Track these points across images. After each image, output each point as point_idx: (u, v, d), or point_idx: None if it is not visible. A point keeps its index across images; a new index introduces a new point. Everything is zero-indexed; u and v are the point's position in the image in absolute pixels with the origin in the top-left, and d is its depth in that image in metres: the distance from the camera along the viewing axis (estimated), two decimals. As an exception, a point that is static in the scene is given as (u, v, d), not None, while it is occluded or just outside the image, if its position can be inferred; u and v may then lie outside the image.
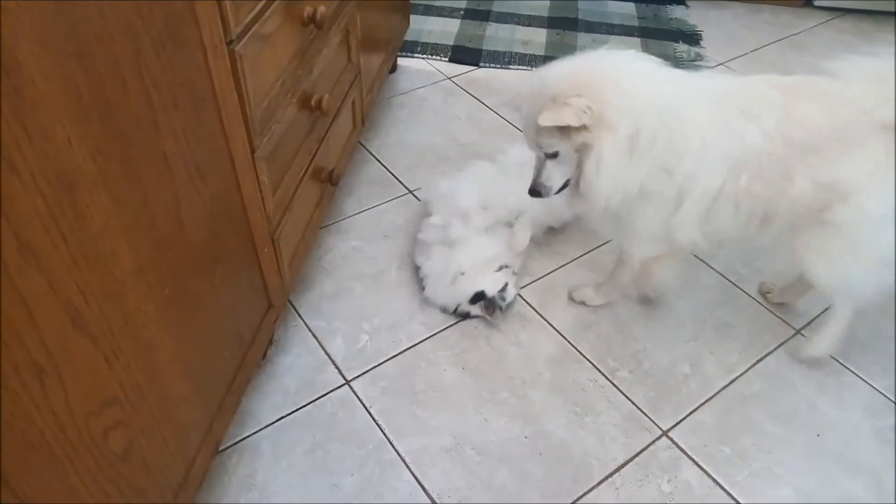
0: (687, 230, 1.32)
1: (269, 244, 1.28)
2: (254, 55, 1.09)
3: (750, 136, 1.20)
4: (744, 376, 1.51)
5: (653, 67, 1.22)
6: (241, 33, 1.04)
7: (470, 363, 1.52)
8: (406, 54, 2.51)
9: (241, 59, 1.04)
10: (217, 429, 1.18)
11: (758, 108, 1.21)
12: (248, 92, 1.08)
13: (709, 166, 1.23)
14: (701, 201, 1.27)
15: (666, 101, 1.18)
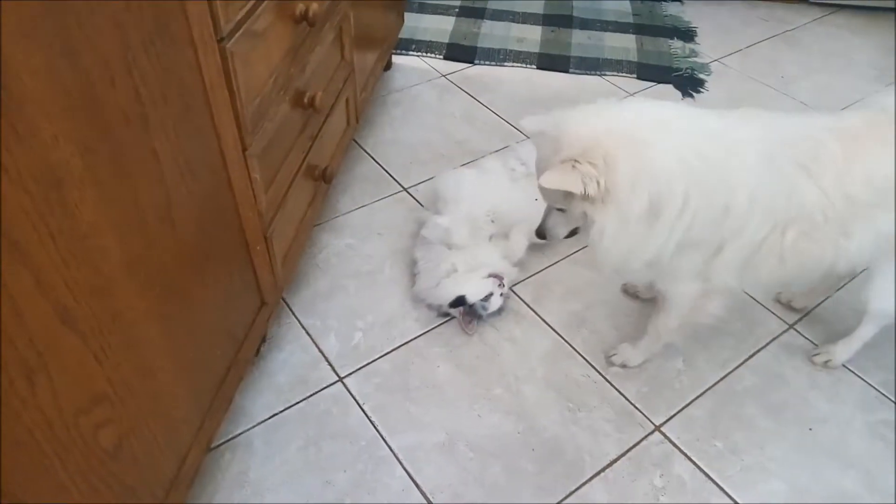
0: (722, 275, 1.24)
1: (262, 242, 1.28)
2: (245, 52, 1.09)
3: (806, 194, 1.13)
4: (736, 371, 1.52)
5: (689, 122, 1.12)
6: (233, 30, 1.04)
7: (464, 359, 1.52)
8: (401, 52, 2.51)
9: (232, 57, 1.04)
10: (209, 426, 1.18)
11: (814, 163, 1.13)
12: (239, 89, 1.08)
13: (755, 220, 1.15)
14: (741, 251, 1.19)
15: (703, 162, 1.07)
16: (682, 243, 1.14)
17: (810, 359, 1.54)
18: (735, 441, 1.39)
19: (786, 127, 1.17)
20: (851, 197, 1.15)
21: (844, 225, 1.18)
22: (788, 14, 2.92)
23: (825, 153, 1.13)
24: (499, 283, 1.56)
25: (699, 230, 1.13)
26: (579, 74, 2.48)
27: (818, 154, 1.13)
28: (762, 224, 1.16)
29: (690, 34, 2.75)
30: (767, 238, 1.18)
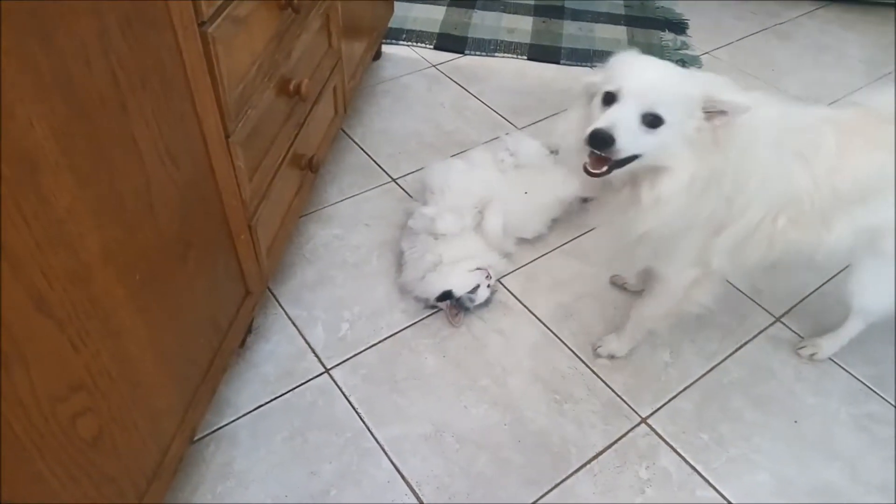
0: (720, 257, 1.24)
1: (246, 231, 1.27)
2: (228, 38, 1.07)
3: (799, 179, 1.16)
4: (723, 364, 1.52)
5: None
6: (214, 15, 1.02)
7: (451, 351, 1.51)
8: (391, 41, 2.49)
9: (213, 42, 1.02)
10: (192, 416, 1.17)
11: (812, 150, 1.15)
12: (221, 75, 1.07)
13: (756, 203, 1.17)
14: (738, 233, 1.20)
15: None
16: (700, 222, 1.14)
17: (796, 351, 1.55)
18: (721, 433, 1.40)
19: (792, 115, 1.18)
20: (837, 189, 1.17)
21: (826, 216, 1.20)
22: (779, 8, 2.91)
23: (823, 144, 1.15)
24: (485, 275, 1.55)
25: (717, 209, 1.13)
26: (570, 66, 2.47)
27: (817, 144, 1.15)
28: (761, 208, 1.17)
29: (682, 26, 2.74)
30: (761, 222, 1.19)
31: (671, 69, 1.08)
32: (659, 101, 1.02)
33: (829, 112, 1.20)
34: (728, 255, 1.24)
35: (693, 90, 1.03)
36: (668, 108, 1.02)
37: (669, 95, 1.02)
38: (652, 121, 1.02)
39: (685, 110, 1.02)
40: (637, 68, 1.08)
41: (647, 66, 1.08)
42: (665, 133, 1.03)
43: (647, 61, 1.09)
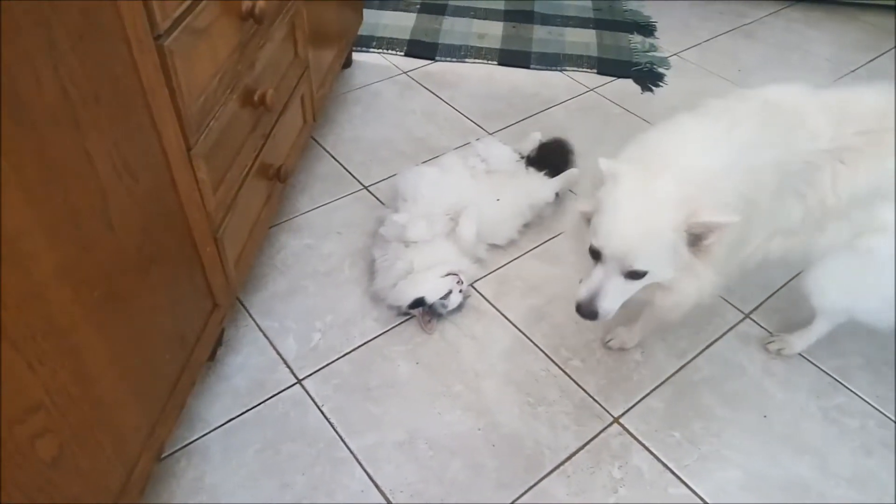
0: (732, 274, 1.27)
1: (212, 243, 1.26)
2: (186, 50, 1.06)
3: (795, 213, 1.21)
4: (693, 361, 1.54)
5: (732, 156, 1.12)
6: (171, 28, 1.02)
7: (424, 357, 1.51)
8: (361, 49, 2.49)
9: (171, 55, 1.01)
10: (160, 432, 1.15)
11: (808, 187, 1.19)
12: (180, 88, 1.06)
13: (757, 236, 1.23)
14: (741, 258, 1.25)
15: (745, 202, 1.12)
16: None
17: (765, 347, 1.56)
18: (692, 430, 1.41)
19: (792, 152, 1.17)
20: (828, 205, 1.21)
21: (820, 225, 1.25)
22: (746, 8, 2.96)
23: (819, 179, 1.18)
24: (457, 280, 1.55)
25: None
26: (540, 70, 2.49)
27: (812, 180, 1.18)
28: (762, 236, 1.25)
29: (650, 29, 2.77)
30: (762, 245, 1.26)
31: (653, 218, 1.07)
32: (638, 261, 1.08)
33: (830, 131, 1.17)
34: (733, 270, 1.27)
35: (673, 236, 1.06)
36: (648, 261, 1.09)
37: (649, 253, 1.08)
38: (634, 274, 1.10)
39: (668, 255, 1.08)
40: (621, 224, 1.09)
41: (628, 222, 1.08)
42: (651, 276, 1.11)
43: (629, 211, 1.09)
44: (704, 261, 1.11)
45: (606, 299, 1.13)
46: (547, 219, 1.86)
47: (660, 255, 1.08)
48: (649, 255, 1.09)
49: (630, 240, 1.08)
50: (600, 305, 1.14)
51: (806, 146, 1.16)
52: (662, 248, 1.08)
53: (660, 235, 1.07)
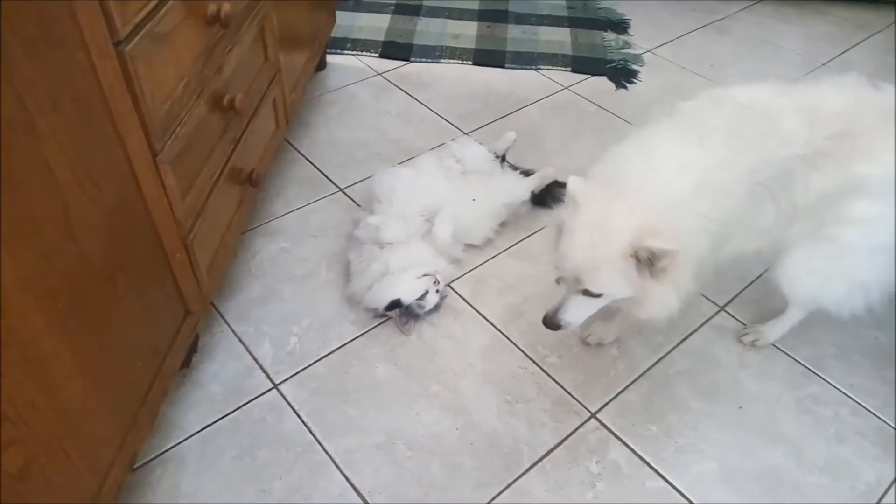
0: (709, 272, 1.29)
1: (182, 250, 1.25)
2: (148, 56, 1.05)
3: (768, 215, 1.24)
4: (669, 355, 1.55)
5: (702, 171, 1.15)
6: (131, 33, 1.01)
7: (402, 359, 1.51)
8: (335, 51, 2.49)
9: (132, 61, 1.00)
10: (132, 442, 1.14)
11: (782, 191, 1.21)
12: (143, 94, 1.05)
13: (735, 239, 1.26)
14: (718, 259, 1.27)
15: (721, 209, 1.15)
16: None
17: (739, 339, 1.58)
18: (669, 424, 1.42)
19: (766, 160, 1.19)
20: (798, 205, 1.23)
21: (788, 221, 1.27)
22: (718, 4, 2.99)
23: (791, 183, 1.21)
24: (433, 280, 1.55)
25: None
26: (515, 69, 2.49)
27: (786, 184, 1.21)
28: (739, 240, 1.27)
29: (623, 26, 2.79)
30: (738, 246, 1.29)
31: (605, 244, 1.11)
32: (590, 284, 1.15)
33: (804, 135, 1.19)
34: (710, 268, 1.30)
35: (622, 262, 1.10)
36: (600, 285, 1.15)
37: (599, 278, 1.13)
38: (590, 293, 1.16)
39: (620, 277, 1.12)
40: (574, 248, 1.14)
41: (580, 248, 1.13)
42: (609, 296, 1.17)
43: (583, 237, 1.13)
44: (664, 281, 1.13)
45: (568, 313, 1.21)
46: (523, 217, 1.86)
47: (612, 278, 1.13)
48: (600, 280, 1.14)
49: (581, 264, 1.14)
50: (563, 319, 1.22)
51: (780, 153, 1.18)
52: (614, 273, 1.12)
53: (609, 262, 1.11)
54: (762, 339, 1.57)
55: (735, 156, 1.16)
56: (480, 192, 1.79)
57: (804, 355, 1.57)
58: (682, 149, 1.17)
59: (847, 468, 1.36)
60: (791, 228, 1.29)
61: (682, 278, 1.14)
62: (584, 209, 1.13)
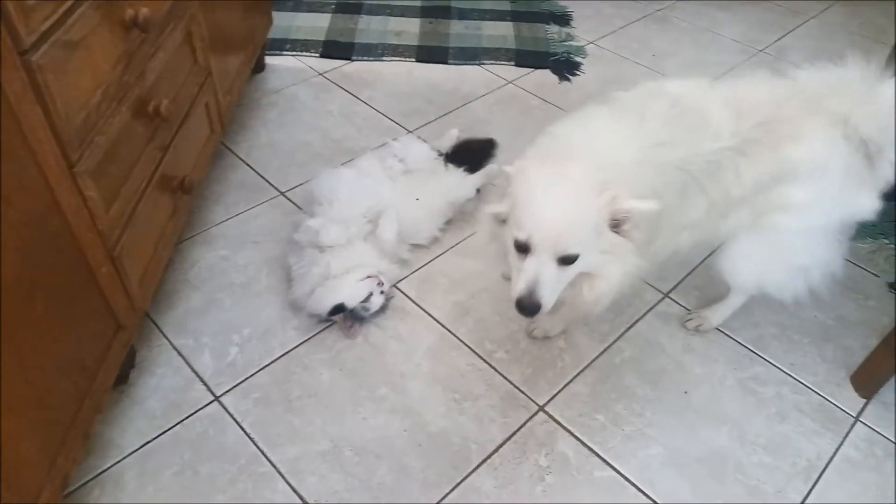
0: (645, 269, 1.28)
1: (108, 263, 1.21)
2: (59, 64, 1.01)
3: (700, 206, 1.24)
4: (615, 344, 1.56)
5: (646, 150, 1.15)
6: (39, 42, 0.96)
7: (347, 363, 1.49)
8: (274, 52, 2.44)
9: (41, 70, 0.96)
10: (63, 464, 1.10)
11: (712, 182, 1.21)
12: (55, 104, 1.01)
13: (668, 230, 1.26)
14: (654, 251, 1.28)
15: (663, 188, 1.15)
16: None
17: (683, 324, 1.60)
18: (616, 412, 1.43)
19: (696, 152, 1.19)
20: (733, 196, 1.25)
21: (723, 214, 1.29)
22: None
23: (722, 176, 1.22)
24: (377, 282, 1.54)
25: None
26: (459, 65, 2.49)
27: (717, 177, 1.22)
28: (670, 231, 1.27)
29: (566, 18, 2.81)
30: (671, 239, 1.29)
31: (575, 200, 1.08)
32: (569, 244, 1.09)
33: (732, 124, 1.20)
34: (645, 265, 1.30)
35: (596, 217, 1.08)
36: (578, 245, 1.10)
37: (577, 235, 1.09)
38: (567, 259, 1.10)
39: (594, 237, 1.10)
40: (545, 211, 1.09)
41: (552, 208, 1.09)
42: (582, 261, 1.12)
43: (551, 198, 1.09)
44: (627, 245, 1.13)
45: (545, 289, 1.12)
46: (468, 214, 1.85)
47: (588, 237, 1.10)
48: (579, 238, 1.09)
49: (559, 223, 1.08)
50: (541, 297, 1.11)
51: (709, 146, 1.19)
52: (589, 231, 1.09)
53: (585, 217, 1.08)
54: (706, 324, 1.60)
55: (669, 142, 1.17)
56: (425, 190, 1.77)
57: (746, 337, 1.60)
58: (622, 127, 1.18)
59: (789, 445, 1.40)
60: (727, 220, 1.31)
61: (642, 244, 1.14)
62: (539, 177, 1.11)
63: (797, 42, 2.78)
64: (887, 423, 1.45)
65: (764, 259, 1.38)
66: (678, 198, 1.21)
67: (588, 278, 1.19)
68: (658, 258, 1.32)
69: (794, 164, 1.22)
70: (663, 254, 1.32)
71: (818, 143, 1.21)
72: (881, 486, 1.34)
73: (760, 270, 1.41)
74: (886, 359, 1.43)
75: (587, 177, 1.08)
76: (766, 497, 1.31)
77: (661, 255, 1.32)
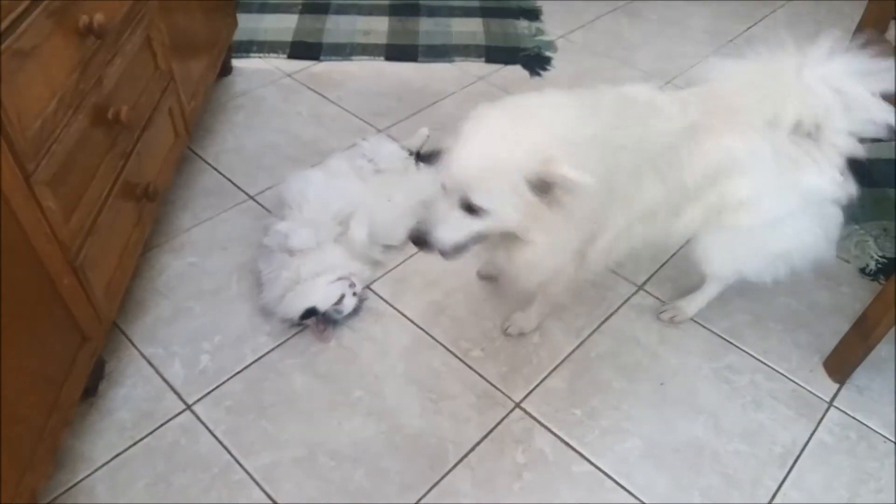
0: (596, 260, 1.31)
1: (70, 274, 1.18)
2: (10, 74, 0.98)
3: (655, 194, 1.23)
4: (591, 338, 1.56)
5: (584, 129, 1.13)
6: (-14, 51, 0.94)
7: (321, 367, 1.48)
8: (241, 55, 2.41)
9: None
10: (29, 480, 1.08)
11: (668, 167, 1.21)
12: (7, 114, 0.98)
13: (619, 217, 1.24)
14: (607, 240, 1.27)
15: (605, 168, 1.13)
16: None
17: (658, 316, 1.61)
18: (592, 406, 1.43)
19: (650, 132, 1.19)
20: (687, 188, 1.25)
21: (677, 210, 1.30)
22: (627, -13, 3.03)
23: (677, 158, 1.22)
24: (349, 283, 1.52)
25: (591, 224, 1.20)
26: (429, 63, 2.47)
27: (671, 160, 1.22)
28: (622, 220, 1.25)
29: (536, 13, 2.80)
30: (621, 231, 1.27)
31: (496, 151, 1.07)
32: (475, 192, 1.07)
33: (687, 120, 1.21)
34: (603, 256, 1.32)
35: (516, 173, 1.05)
36: (486, 197, 1.07)
37: (487, 186, 1.07)
38: (472, 208, 1.08)
39: (510, 195, 1.07)
40: (463, 155, 1.08)
41: (470, 154, 1.08)
42: (492, 217, 1.09)
43: (472, 144, 1.08)
44: (556, 215, 1.10)
45: (441, 229, 1.12)
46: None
47: (501, 193, 1.07)
48: (488, 191, 1.07)
49: (470, 170, 1.07)
50: (434, 235, 1.12)
51: (662, 127, 1.20)
52: (505, 187, 1.07)
53: (503, 172, 1.06)
54: (680, 315, 1.60)
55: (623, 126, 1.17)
56: (396, 191, 1.76)
57: (721, 327, 1.60)
58: (579, 110, 1.16)
59: (764, 433, 1.41)
60: (677, 219, 1.31)
61: (572, 225, 1.12)
62: (486, 121, 1.10)
63: (765, 32, 2.80)
64: (860, 406, 1.46)
65: (737, 251, 1.40)
66: (631, 181, 1.20)
67: (517, 245, 1.17)
68: (614, 255, 1.33)
69: (733, 153, 1.23)
70: (619, 250, 1.32)
71: (755, 133, 1.22)
72: (856, 469, 1.36)
73: (736, 260, 1.42)
74: (858, 343, 1.44)
75: (530, 138, 1.07)
76: (742, 485, 1.32)
77: (618, 253, 1.33)
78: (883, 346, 1.45)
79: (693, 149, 1.21)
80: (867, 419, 1.44)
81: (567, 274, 1.33)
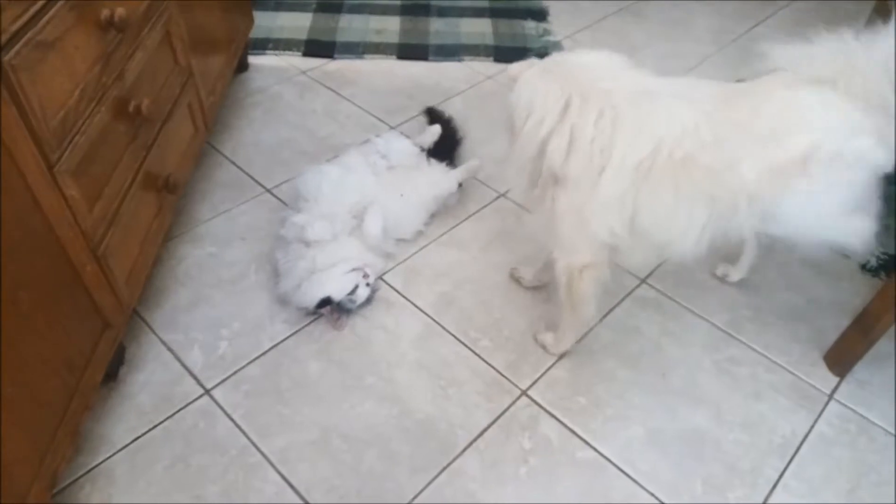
0: (603, 218, 1.25)
1: (93, 262, 1.23)
2: (33, 65, 1.02)
3: (682, 114, 1.19)
4: (594, 330, 1.59)
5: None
6: (11, 41, 0.97)
7: (335, 354, 1.52)
8: (257, 52, 2.46)
9: (14, 71, 0.97)
10: (52, 462, 1.12)
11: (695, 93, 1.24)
12: (31, 104, 1.02)
13: (628, 138, 1.18)
14: (619, 178, 1.19)
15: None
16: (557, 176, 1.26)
17: (713, 273, 1.69)
18: (597, 395, 1.47)
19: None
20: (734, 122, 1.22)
21: (731, 153, 1.21)
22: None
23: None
24: (362, 274, 1.56)
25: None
26: (439, 61, 2.51)
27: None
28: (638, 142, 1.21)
29: (543, 14, 2.84)
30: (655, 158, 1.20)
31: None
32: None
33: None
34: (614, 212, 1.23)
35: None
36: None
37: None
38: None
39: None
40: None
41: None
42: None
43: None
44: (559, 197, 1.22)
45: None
46: (451, 207, 1.89)
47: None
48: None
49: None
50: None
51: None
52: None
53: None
54: (732, 276, 1.69)
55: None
56: (408, 186, 1.80)
57: (722, 320, 1.64)
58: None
59: (764, 423, 1.44)
60: (738, 214, 1.23)
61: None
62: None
63: (769, 31, 2.82)
64: (860, 400, 1.49)
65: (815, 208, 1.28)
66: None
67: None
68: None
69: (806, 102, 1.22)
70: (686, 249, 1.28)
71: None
72: (856, 461, 1.38)
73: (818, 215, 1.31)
74: (859, 339, 1.47)
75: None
76: (743, 474, 1.35)
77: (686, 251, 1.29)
78: (884, 342, 1.47)
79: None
80: (867, 412, 1.46)
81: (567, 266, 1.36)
